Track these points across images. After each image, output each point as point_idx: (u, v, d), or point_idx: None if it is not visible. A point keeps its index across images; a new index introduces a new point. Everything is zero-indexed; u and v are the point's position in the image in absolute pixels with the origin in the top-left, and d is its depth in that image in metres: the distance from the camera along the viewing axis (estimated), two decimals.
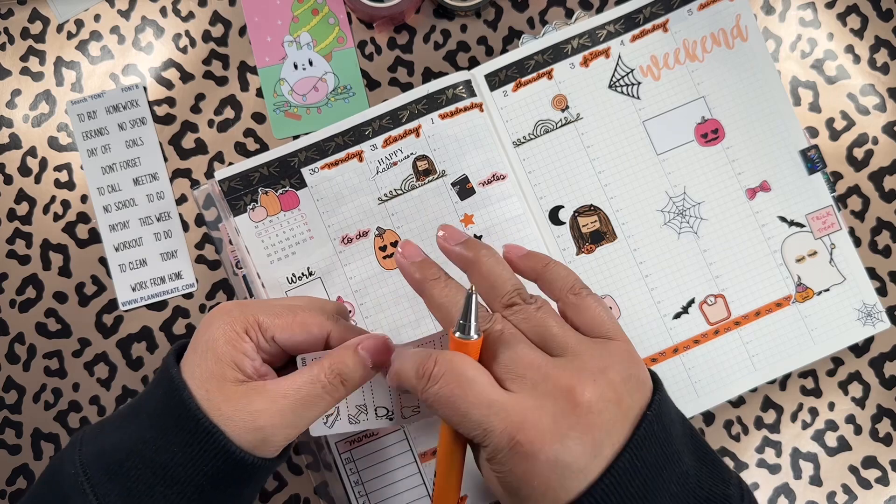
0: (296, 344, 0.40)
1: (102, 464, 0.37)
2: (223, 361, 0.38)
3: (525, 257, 0.40)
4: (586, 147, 0.51)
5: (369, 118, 0.51)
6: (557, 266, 0.40)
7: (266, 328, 0.39)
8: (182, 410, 0.37)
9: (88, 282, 0.53)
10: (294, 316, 0.40)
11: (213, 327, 0.39)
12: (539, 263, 0.40)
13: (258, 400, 0.37)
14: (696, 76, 0.52)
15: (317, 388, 0.38)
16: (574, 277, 0.39)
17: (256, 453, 0.38)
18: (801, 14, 0.54)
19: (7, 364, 0.53)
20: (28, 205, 0.54)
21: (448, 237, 0.40)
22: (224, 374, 0.38)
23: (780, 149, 0.51)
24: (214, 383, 0.37)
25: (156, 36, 0.54)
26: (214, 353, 0.38)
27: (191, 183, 0.54)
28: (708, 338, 0.50)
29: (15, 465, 0.52)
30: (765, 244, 0.51)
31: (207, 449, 0.37)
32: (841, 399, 0.52)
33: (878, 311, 0.51)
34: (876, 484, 0.52)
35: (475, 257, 0.39)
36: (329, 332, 0.40)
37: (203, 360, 0.38)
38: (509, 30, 0.54)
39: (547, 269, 0.40)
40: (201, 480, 0.37)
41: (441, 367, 0.35)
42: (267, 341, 0.39)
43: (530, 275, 0.40)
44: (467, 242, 0.40)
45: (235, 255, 0.51)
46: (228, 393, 0.37)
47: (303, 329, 0.40)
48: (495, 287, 0.38)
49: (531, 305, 0.37)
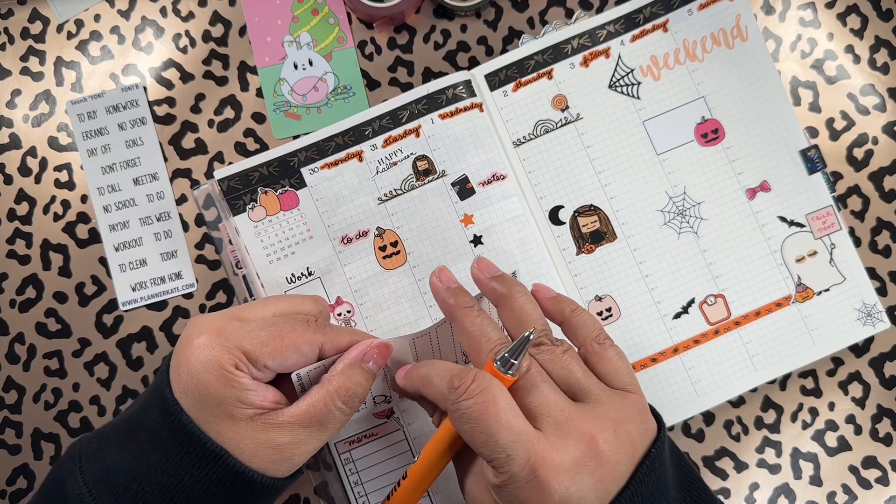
0: (289, 367, 0.39)
1: (108, 485, 0.37)
2: (227, 403, 0.37)
3: (554, 300, 0.41)
4: (586, 147, 0.51)
5: (369, 118, 0.51)
6: (584, 313, 0.41)
7: (255, 358, 0.38)
8: (184, 435, 0.37)
9: (88, 282, 0.53)
10: (281, 340, 0.38)
11: (199, 371, 0.37)
12: (567, 308, 0.41)
13: (275, 432, 0.37)
14: (696, 76, 0.52)
15: (332, 410, 0.38)
16: (599, 326, 0.40)
17: (269, 474, 0.38)
18: (801, 14, 0.54)
19: (7, 364, 0.53)
20: (28, 205, 0.54)
21: (483, 269, 0.41)
22: (232, 413, 0.37)
23: (780, 149, 0.51)
24: (223, 422, 0.37)
25: (156, 36, 0.54)
26: (215, 398, 0.37)
27: (191, 183, 0.54)
28: (708, 338, 0.50)
29: (15, 465, 0.52)
30: (765, 244, 0.51)
31: (216, 470, 0.37)
32: (841, 399, 0.52)
33: (878, 311, 0.51)
34: (876, 484, 0.52)
35: (508, 293, 0.40)
36: (321, 345, 0.40)
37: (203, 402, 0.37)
38: (509, 30, 0.54)
39: (574, 315, 0.41)
40: (211, 502, 0.37)
41: (479, 385, 0.35)
42: (259, 370, 0.38)
43: (557, 318, 0.41)
44: (502, 277, 0.41)
45: (235, 255, 0.51)
46: (242, 430, 0.37)
47: (295, 352, 0.39)
48: (524, 324, 0.39)
49: (558, 348, 0.39)
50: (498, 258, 0.50)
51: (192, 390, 0.37)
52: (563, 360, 0.38)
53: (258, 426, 0.37)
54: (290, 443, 0.38)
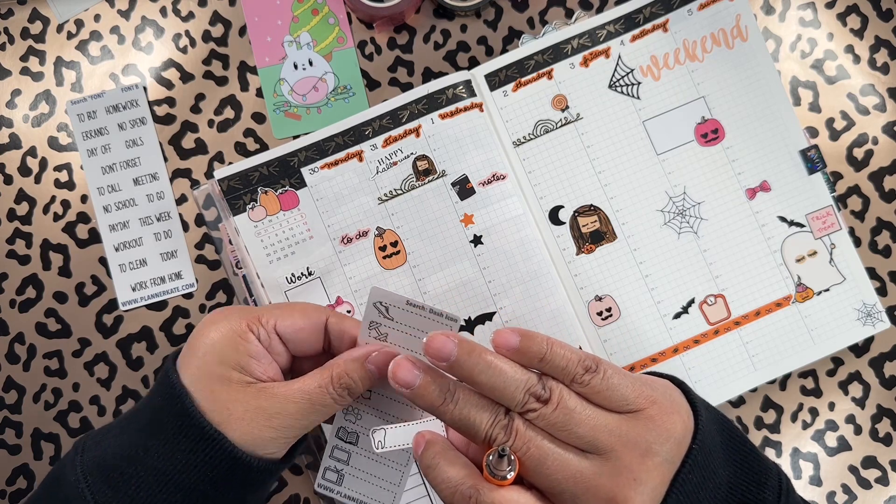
0: (297, 330, 0.40)
1: (104, 470, 0.37)
2: (227, 364, 0.38)
3: (519, 351, 0.37)
4: (586, 147, 0.51)
5: (369, 118, 0.51)
6: (556, 347, 0.36)
7: (266, 320, 0.40)
8: (185, 418, 0.37)
9: (88, 282, 0.53)
10: (291, 306, 0.41)
11: (213, 330, 0.39)
12: (535, 352, 0.36)
13: (266, 401, 0.38)
14: (696, 76, 0.52)
15: (325, 395, 0.38)
16: (577, 356, 0.36)
17: (260, 453, 0.38)
18: (801, 14, 0.54)
19: (7, 364, 0.53)
20: (28, 205, 0.54)
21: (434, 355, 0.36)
22: (229, 377, 0.38)
23: (780, 149, 0.51)
24: (218, 384, 0.38)
25: (156, 36, 0.54)
26: (217, 356, 0.38)
27: (191, 183, 0.54)
28: (708, 338, 0.50)
29: (15, 465, 0.52)
30: (765, 244, 0.51)
31: (212, 454, 0.37)
32: (841, 399, 0.52)
33: (878, 311, 0.51)
34: (876, 484, 0.52)
35: (469, 374, 0.36)
36: (328, 316, 0.41)
37: (204, 362, 0.38)
38: (509, 30, 0.54)
39: (546, 360, 0.36)
40: (205, 486, 0.37)
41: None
42: (268, 333, 0.40)
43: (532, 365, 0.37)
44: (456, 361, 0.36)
45: (235, 255, 0.51)
46: (234, 394, 0.38)
47: (303, 315, 0.40)
48: (504, 398, 0.36)
49: (548, 407, 0.35)
50: (498, 258, 0.50)
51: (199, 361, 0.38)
52: (557, 419, 0.35)
53: (251, 392, 0.38)
54: (279, 413, 0.38)
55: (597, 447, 0.35)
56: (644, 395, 0.36)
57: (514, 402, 0.36)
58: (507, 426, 0.35)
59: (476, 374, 0.36)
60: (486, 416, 0.36)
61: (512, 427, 0.35)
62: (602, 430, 0.35)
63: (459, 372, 0.36)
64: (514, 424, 0.35)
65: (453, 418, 0.36)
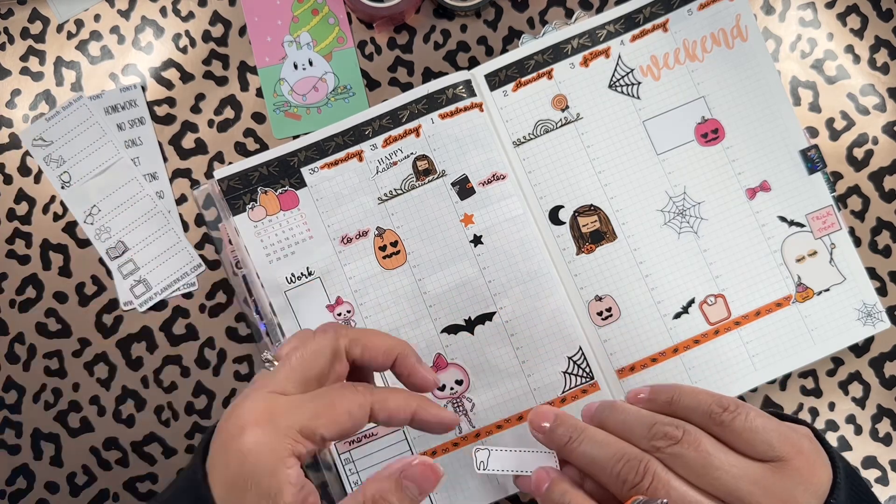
0: (343, 432, 0.37)
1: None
2: (260, 487, 0.34)
3: (649, 401, 0.37)
4: (586, 147, 0.51)
5: (369, 118, 0.51)
6: (683, 393, 0.35)
7: (311, 432, 0.35)
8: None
9: (88, 282, 0.53)
10: (333, 409, 0.36)
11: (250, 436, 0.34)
12: (664, 400, 0.36)
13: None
14: (696, 76, 0.52)
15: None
16: (710, 399, 0.35)
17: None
18: (801, 14, 0.54)
19: (7, 364, 0.53)
20: (28, 205, 0.54)
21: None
22: None
23: (780, 149, 0.51)
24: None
25: (156, 36, 0.54)
26: (250, 477, 0.34)
27: (191, 183, 0.54)
28: (708, 338, 0.50)
29: (15, 465, 0.52)
30: (765, 244, 0.51)
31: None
32: (841, 399, 0.52)
33: (878, 311, 0.51)
34: (876, 484, 0.52)
35: (599, 421, 0.37)
36: (371, 405, 0.37)
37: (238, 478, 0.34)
38: (509, 30, 0.54)
39: (676, 403, 0.35)
40: None
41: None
42: (316, 444, 0.36)
43: (663, 411, 0.36)
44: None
45: (235, 255, 0.51)
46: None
47: (349, 417, 0.36)
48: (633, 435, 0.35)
49: (683, 446, 0.33)
50: (498, 258, 0.50)
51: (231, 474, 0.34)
52: (696, 463, 0.33)
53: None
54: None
55: (740, 498, 0.32)
56: (791, 441, 0.34)
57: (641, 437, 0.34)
58: (639, 467, 0.34)
59: (604, 419, 0.36)
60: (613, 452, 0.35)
61: (646, 468, 0.33)
62: (744, 480, 0.33)
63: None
64: (650, 465, 0.33)
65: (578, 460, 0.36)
